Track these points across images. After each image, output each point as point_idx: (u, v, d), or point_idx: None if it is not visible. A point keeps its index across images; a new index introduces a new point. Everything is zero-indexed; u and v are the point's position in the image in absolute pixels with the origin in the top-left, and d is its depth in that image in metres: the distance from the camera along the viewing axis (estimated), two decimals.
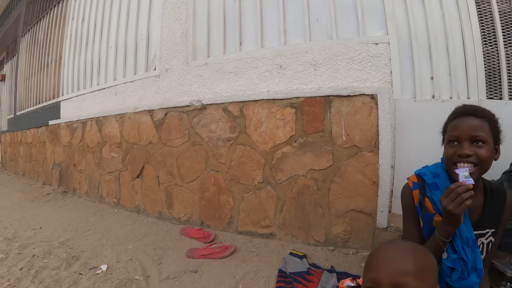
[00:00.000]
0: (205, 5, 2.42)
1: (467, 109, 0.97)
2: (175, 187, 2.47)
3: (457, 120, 0.96)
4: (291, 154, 1.95)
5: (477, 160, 0.90)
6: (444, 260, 0.93)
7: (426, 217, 1.00)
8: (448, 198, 0.85)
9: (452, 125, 0.97)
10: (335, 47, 1.90)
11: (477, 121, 0.92)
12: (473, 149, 0.90)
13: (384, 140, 1.72)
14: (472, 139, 0.91)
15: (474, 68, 1.71)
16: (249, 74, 2.16)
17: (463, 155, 0.91)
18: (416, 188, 1.03)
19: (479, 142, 0.90)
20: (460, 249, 0.92)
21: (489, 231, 0.98)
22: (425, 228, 1.00)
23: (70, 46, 3.85)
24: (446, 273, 0.94)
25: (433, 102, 1.74)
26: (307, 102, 1.89)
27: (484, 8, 1.75)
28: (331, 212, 1.85)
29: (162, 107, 2.52)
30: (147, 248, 1.99)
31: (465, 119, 0.94)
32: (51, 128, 4.17)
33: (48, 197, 3.65)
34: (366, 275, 0.62)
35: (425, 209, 0.99)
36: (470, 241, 0.93)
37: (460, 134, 0.93)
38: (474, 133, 0.91)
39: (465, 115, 0.95)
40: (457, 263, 0.91)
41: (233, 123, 2.15)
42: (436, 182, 1.00)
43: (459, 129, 0.94)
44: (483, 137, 0.90)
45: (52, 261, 1.82)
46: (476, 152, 0.90)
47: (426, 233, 1.00)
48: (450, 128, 0.98)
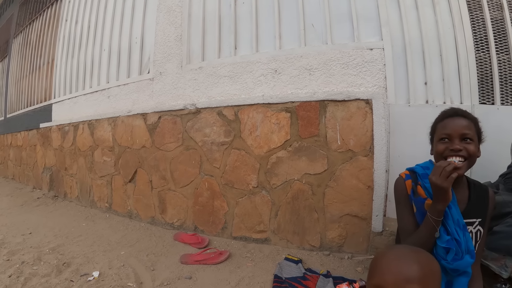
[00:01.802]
0: (201, 9, 2.41)
1: (456, 111, 1.08)
2: (168, 191, 2.44)
3: (448, 119, 1.06)
4: (286, 158, 1.94)
5: (467, 154, 1.00)
6: (438, 242, 0.99)
7: (418, 201, 1.08)
8: (435, 173, 0.94)
9: (443, 124, 1.07)
10: (330, 52, 1.91)
11: (466, 121, 1.03)
12: (463, 145, 1.00)
13: (379, 144, 1.73)
14: (462, 137, 1.01)
15: (467, 73, 1.74)
16: (244, 78, 2.15)
17: (455, 150, 1.00)
18: (409, 179, 1.12)
19: (467, 139, 1.01)
20: (453, 230, 0.99)
21: (476, 221, 1.06)
22: (418, 214, 1.08)
23: (63, 48, 3.80)
24: (441, 256, 0.99)
25: (427, 107, 1.75)
26: (302, 106, 1.89)
27: (476, 16, 1.78)
28: (326, 217, 1.85)
29: (156, 110, 2.50)
30: (140, 254, 1.95)
31: (456, 119, 1.05)
32: (42, 131, 4.09)
33: (38, 201, 3.57)
34: (370, 281, 0.62)
35: (417, 194, 1.08)
36: (461, 224, 1.01)
37: (451, 132, 1.02)
38: (464, 131, 1.01)
39: (455, 115, 1.06)
40: (451, 243, 0.98)
41: (227, 127, 2.14)
42: (427, 173, 1.09)
43: (450, 128, 1.03)
44: (471, 135, 1.01)
45: (42, 268, 1.77)
46: (466, 147, 1.00)
47: (419, 218, 1.07)
48: (440, 127, 1.07)
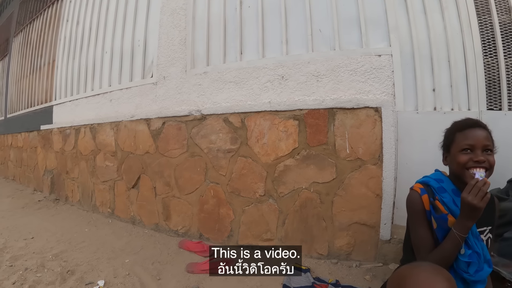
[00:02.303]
0: (205, 12, 2.37)
1: (476, 122, 1.07)
2: (173, 198, 2.41)
3: (470, 130, 1.05)
4: (294, 167, 1.91)
5: (489, 165, 1.00)
6: (460, 257, 0.98)
7: (440, 219, 1.04)
8: (471, 193, 0.92)
9: (464, 135, 1.05)
10: (338, 58, 1.88)
11: (486, 133, 1.04)
12: (485, 156, 1.00)
13: (388, 153, 1.72)
14: (484, 148, 1.01)
15: (475, 79, 1.72)
16: (250, 84, 2.12)
17: (479, 161, 1.00)
18: (425, 193, 1.08)
19: (488, 150, 1.01)
20: (473, 243, 0.99)
21: (486, 229, 1.06)
22: (439, 230, 1.04)
23: (64, 49, 3.75)
24: (462, 269, 0.98)
25: (435, 114, 1.74)
26: (311, 114, 1.87)
27: (485, 20, 1.76)
28: (334, 225, 1.84)
29: (160, 116, 2.46)
30: (145, 262, 1.93)
31: (477, 130, 1.04)
32: (43, 133, 4.06)
33: (39, 204, 3.55)
34: None
35: (439, 210, 1.04)
36: (477, 235, 1.01)
37: (474, 143, 1.02)
38: (486, 142, 1.01)
39: (476, 126, 1.05)
40: (473, 256, 0.97)
41: (234, 134, 2.11)
42: (443, 186, 1.08)
43: (473, 138, 1.02)
44: (491, 147, 1.02)
45: (46, 275, 1.75)
46: (488, 159, 1.00)
47: (440, 234, 1.05)
48: (462, 137, 1.05)
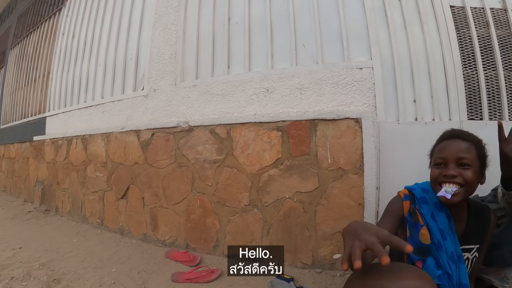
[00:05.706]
0: (195, 27, 2.45)
1: (454, 132, 1.00)
2: (160, 208, 2.43)
3: (444, 142, 0.99)
4: (277, 176, 1.95)
5: (463, 181, 0.91)
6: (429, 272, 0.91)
7: (414, 227, 0.99)
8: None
9: (439, 148, 1.00)
10: (320, 72, 1.95)
11: (464, 144, 0.95)
12: (459, 170, 0.92)
13: (368, 162, 1.75)
14: (458, 161, 0.93)
15: (455, 90, 1.78)
16: (236, 97, 2.18)
17: (448, 176, 0.93)
18: (407, 200, 1.03)
19: (465, 165, 0.92)
20: (445, 263, 0.93)
21: (474, 247, 1.00)
22: (411, 239, 1.00)
23: (59, 62, 3.82)
24: None
25: (416, 124, 1.79)
26: (293, 125, 1.92)
27: (463, 33, 1.83)
28: (318, 235, 1.85)
29: (149, 127, 2.50)
30: (131, 272, 1.93)
31: (452, 141, 0.97)
32: (36, 144, 4.07)
33: (29, 215, 3.52)
34: None
35: (416, 217, 0.99)
36: (455, 256, 0.94)
37: (446, 156, 0.95)
38: (460, 155, 0.93)
39: (453, 137, 0.98)
40: (443, 278, 0.91)
41: (220, 145, 2.15)
42: (425, 197, 1.02)
43: (445, 151, 0.96)
44: (469, 160, 0.92)
45: (32, 284, 1.74)
46: (462, 174, 0.91)
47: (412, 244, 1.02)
48: (437, 151, 1.00)
